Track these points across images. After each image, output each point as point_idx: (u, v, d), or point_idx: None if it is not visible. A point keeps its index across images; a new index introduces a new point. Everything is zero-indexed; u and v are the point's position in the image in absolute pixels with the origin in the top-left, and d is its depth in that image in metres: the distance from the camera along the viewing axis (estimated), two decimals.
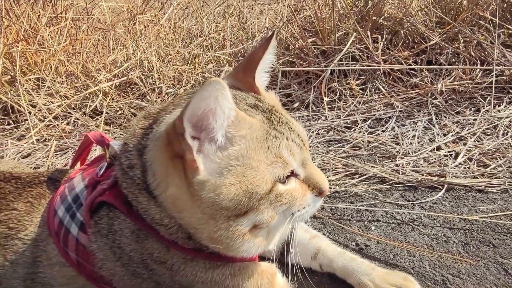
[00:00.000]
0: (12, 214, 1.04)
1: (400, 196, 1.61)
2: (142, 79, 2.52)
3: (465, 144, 1.88)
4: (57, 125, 2.30)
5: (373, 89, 2.44)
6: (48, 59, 2.57)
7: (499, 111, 2.13)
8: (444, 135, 1.99)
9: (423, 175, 1.69)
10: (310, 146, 1.94)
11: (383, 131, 2.11)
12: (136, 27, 2.85)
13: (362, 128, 2.14)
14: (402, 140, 1.98)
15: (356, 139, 2.02)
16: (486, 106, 2.17)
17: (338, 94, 2.42)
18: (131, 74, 2.54)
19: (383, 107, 2.30)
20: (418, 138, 1.99)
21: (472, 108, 2.21)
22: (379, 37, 2.47)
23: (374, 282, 1.12)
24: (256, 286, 0.93)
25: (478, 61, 2.41)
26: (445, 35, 2.52)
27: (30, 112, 2.29)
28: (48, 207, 1.05)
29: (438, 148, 1.88)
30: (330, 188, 1.62)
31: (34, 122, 2.27)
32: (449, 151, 1.84)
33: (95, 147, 1.78)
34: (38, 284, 1.00)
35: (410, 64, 2.44)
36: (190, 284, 0.92)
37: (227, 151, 0.78)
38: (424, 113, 2.20)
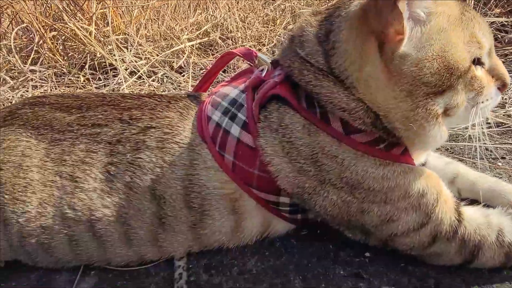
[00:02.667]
0: (165, 121, 1.06)
1: None
2: (223, 39, 2.55)
3: None
4: (145, 80, 2.36)
5: None
6: (131, 22, 2.64)
7: None
8: None
9: None
10: None
11: None
12: None
13: None
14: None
15: None
16: None
17: None
18: (212, 35, 2.57)
19: None
20: None
21: None
22: None
23: None
24: (425, 185, 0.91)
25: None
26: None
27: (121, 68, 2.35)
28: (199, 115, 1.07)
29: None
30: None
31: (125, 77, 2.33)
32: None
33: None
34: (195, 186, 1.01)
35: (503, 22, 2.34)
36: (359, 181, 0.90)
37: (427, 26, 0.77)
38: None
